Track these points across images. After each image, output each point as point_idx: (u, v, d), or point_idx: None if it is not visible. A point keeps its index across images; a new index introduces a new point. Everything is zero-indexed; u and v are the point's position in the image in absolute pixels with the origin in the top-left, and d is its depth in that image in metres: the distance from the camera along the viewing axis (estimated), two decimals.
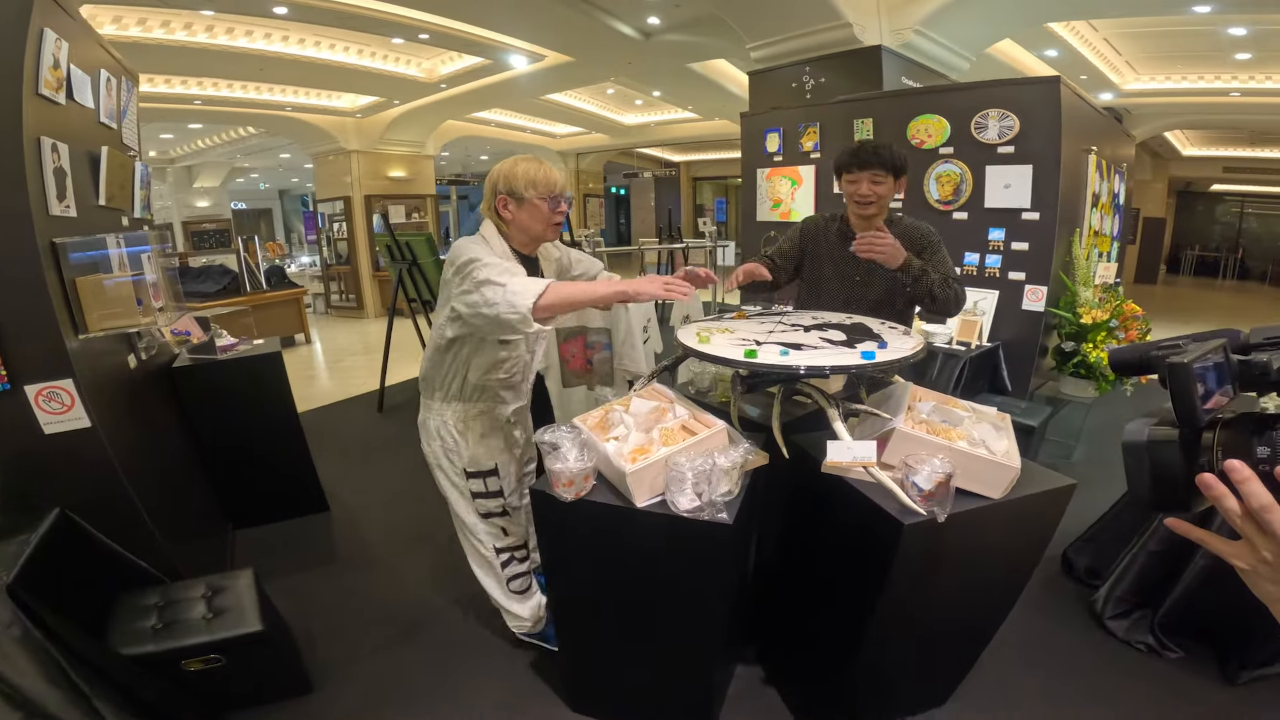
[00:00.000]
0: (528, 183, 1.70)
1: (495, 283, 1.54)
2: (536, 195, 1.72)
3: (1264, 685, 1.96)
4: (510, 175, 1.71)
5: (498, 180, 1.73)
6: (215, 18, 5.74)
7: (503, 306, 1.52)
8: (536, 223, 1.75)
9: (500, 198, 1.73)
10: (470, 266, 1.61)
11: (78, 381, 1.80)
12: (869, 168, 2.02)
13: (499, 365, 1.85)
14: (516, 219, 1.74)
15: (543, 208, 1.73)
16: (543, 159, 1.78)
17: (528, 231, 1.77)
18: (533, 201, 1.72)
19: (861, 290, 2.17)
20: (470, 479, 1.96)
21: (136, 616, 1.78)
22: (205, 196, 13.77)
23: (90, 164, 2.13)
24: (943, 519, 1.28)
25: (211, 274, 7.21)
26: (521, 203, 1.72)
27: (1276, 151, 11.71)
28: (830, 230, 2.24)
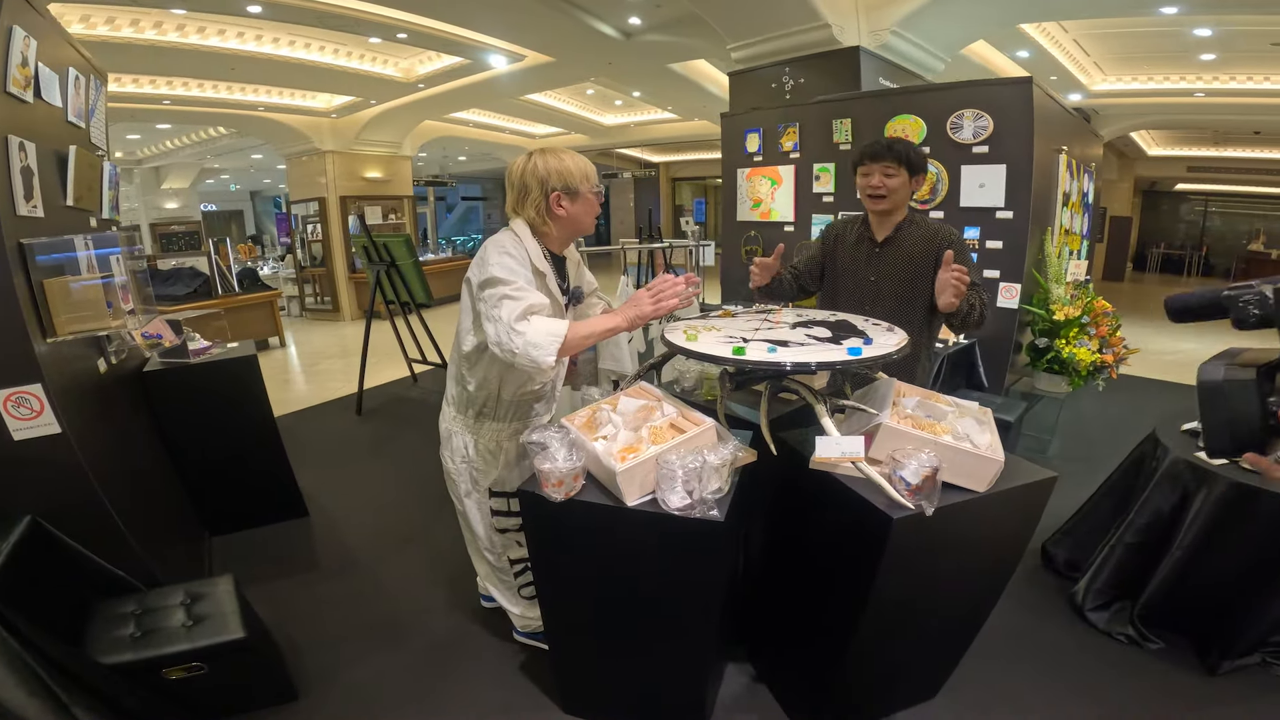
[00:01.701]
0: (583, 176, 1.67)
1: (515, 330, 1.51)
2: (590, 188, 1.69)
3: (1244, 675, 2.00)
4: (564, 171, 1.65)
5: (548, 177, 1.65)
6: (186, 16, 5.62)
7: (521, 358, 1.51)
8: (588, 215, 1.72)
9: (554, 194, 1.65)
10: (493, 291, 1.56)
11: (47, 386, 1.75)
12: (881, 160, 2.02)
13: (533, 378, 1.79)
14: (570, 214, 1.69)
15: (594, 200, 1.72)
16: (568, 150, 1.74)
17: (577, 226, 1.73)
18: (587, 195, 1.69)
19: (875, 293, 2.14)
20: (494, 498, 1.92)
21: (114, 625, 1.74)
22: (174, 198, 13.47)
23: (58, 163, 2.09)
24: (930, 512, 1.30)
25: (181, 277, 7.06)
26: (576, 197, 1.67)
27: (1239, 151, 12.08)
28: (850, 231, 2.23)
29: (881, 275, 2.12)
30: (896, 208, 2.10)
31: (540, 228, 1.71)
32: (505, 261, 1.59)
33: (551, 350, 1.50)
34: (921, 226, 2.12)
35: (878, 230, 2.15)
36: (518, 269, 1.60)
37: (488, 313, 1.57)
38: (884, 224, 2.13)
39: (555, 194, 1.65)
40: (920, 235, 2.09)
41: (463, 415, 1.87)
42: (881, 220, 2.13)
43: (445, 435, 1.91)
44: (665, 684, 1.72)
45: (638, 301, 1.62)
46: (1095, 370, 3.73)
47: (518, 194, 1.69)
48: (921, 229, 2.10)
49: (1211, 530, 2.01)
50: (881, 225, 2.13)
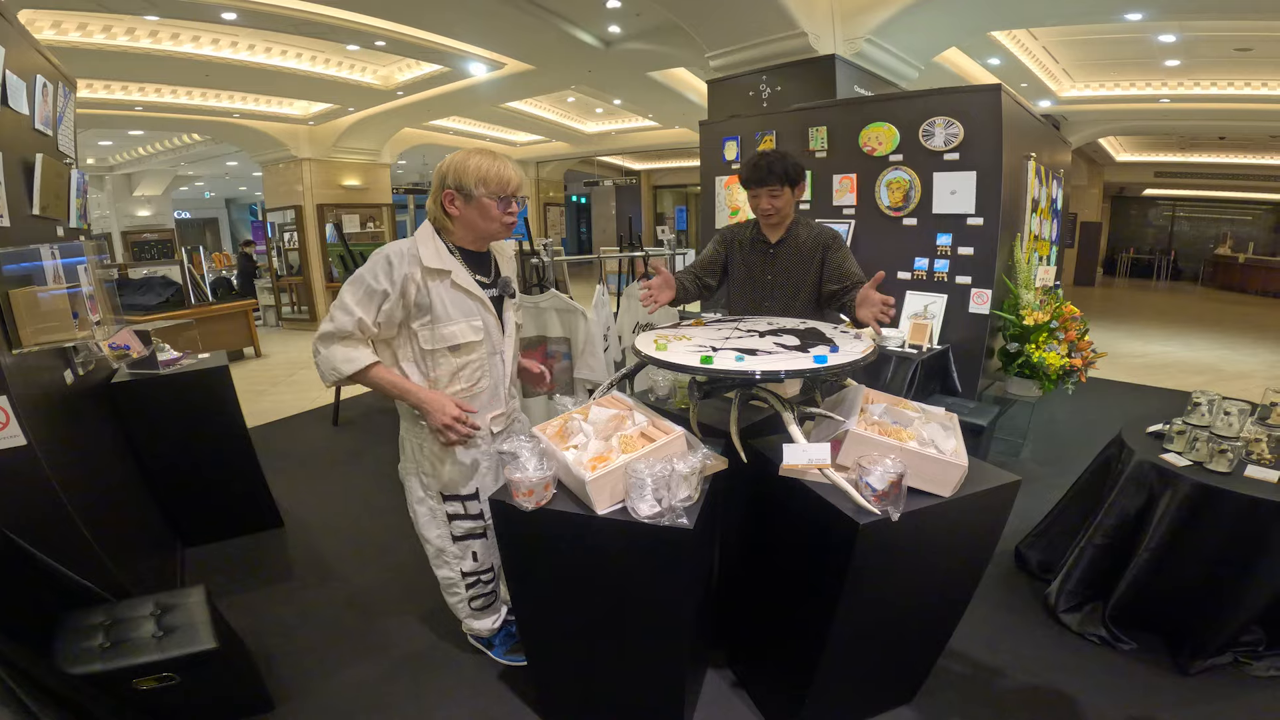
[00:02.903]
0: (478, 179, 1.61)
1: (323, 340, 1.64)
2: (487, 193, 1.63)
3: (1217, 674, 2.03)
4: (461, 169, 1.62)
5: (446, 173, 1.64)
6: (159, 23, 5.56)
7: (321, 368, 1.66)
8: (485, 222, 1.67)
9: (447, 192, 1.64)
10: (343, 290, 1.64)
11: (11, 398, 1.72)
12: (765, 184, 2.21)
13: (457, 375, 1.77)
14: (464, 216, 1.66)
15: (492, 207, 1.65)
16: (500, 155, 1.69)
17: (475, 230, 1.70)
18: (481, 200, 1.63)
19: (770, 290, 2.37)
20: (447, 501, 1.88)
21: (83, 636, 1.72)
22: (147, 205, 13.24)
23: (24, 172, 2.05)
24: (896, 518, 1.32)
25: (153, 286, 6.96)
26: (470, 200, 1.63)
27: (1205, 157, 12.41)
28: (745, 234, 2.42)
29: (776, 273, 2.35)
30: (785, 218, 2.32)
31: (446, 225, 1.70)
32: (366, 276, 1.63)
33: (333, 377, 1.66)
34: (806, 227, 2.36)
35: (770, 234, 2.37)
36: (374, 285, 1.62)
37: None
38: (776, 229, 2.36)
39: (448, 192, 1.64)
40: (807, 235, 2.34)
41: (408, 419, 1.86)
42: (773, 227, 2.36)
43: (401, 444, 1.91)
44: (643, 691, 1.73)
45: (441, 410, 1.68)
46: (1065, 374, 3.81)
47: (433, 187, 1.70)
48: (807, 229, 2.35)
49: (1178, 531, 2.04)
50: (774, 230, 2.36)
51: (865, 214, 4.04)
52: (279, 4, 5.12)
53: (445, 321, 1.68)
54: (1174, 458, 2.16)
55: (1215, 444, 2.09)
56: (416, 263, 1.63)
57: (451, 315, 1.69)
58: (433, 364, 1.73)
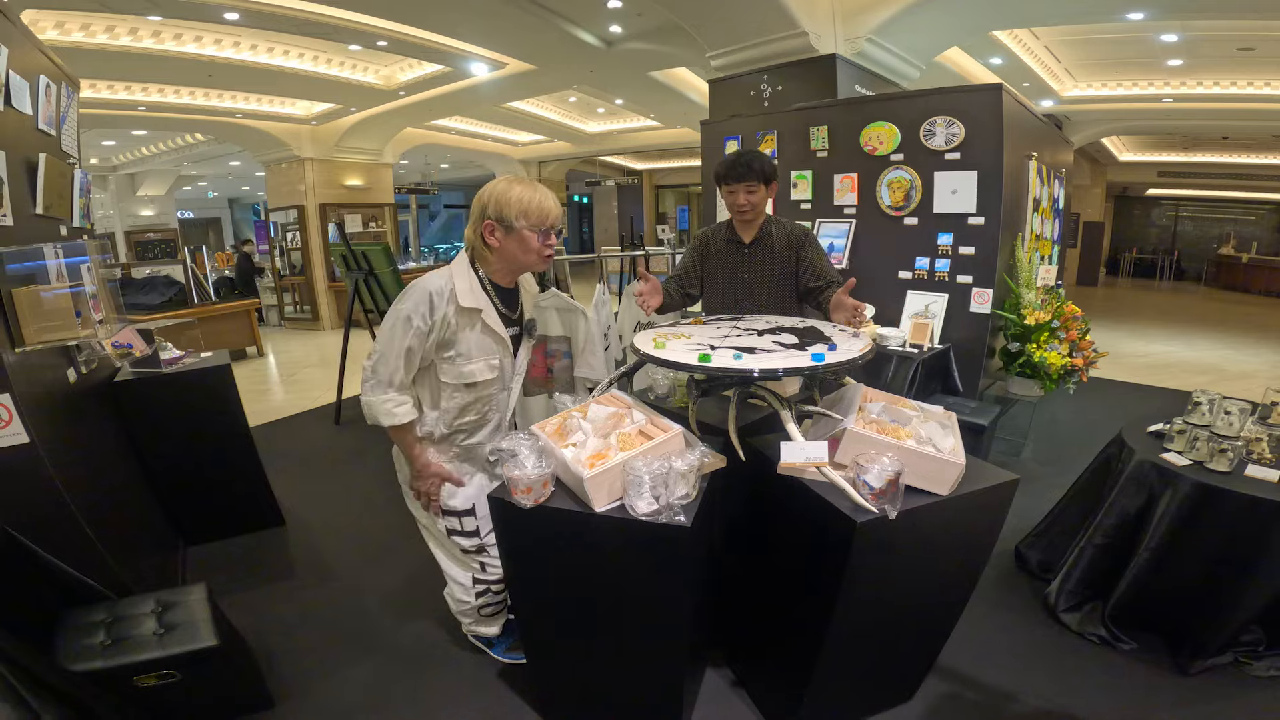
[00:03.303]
0: (520, 211, 1.60)
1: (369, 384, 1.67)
2: (528, 225, 1.62)
3: (1216, 674, 2.03)
4: (503, 200, 1.60)
5: (487, 204, 1.62)
6: (162, 23, 5.58)
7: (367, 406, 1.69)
8: (525, 254, 1.67)
9: (487, 223, 1.62)
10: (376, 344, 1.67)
11: (15, 396, 1.73)
12: (744, 180, 2.26)
13: (466, 409, 1.77)
14: (503, 248, 1.65)
15: (533, 240, 1.64)
16: (540, 186, 1.68)
17: (514, 262, 1.70)
18: (522, 232, 1.62)
19: (749, 289, 2.42)
20: (446, 517, 1.87)
21: (84, 633, 1.73)
22: (150, 205, 13.28)
23: (27, 171, 2.06)
24: (894, 516, 1.33)
25: (156, 285, 6.98)
26: (510, 231, 1.62)
27: (1208, 156, 12.38)
28: (719, 237, 2.47)
29: (753, 272, 2.41)
30: (759, 216, 2.38)
31: (484, 255, 1.69)
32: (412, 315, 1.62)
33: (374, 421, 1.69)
34: (778, 225, 2.42)
35: (744, 234, 2.42)
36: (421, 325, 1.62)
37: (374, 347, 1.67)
38: (749, 229, 2.41)
39: (488, 223, 1.62)
40: (779, 233, 2.40)
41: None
42: (747, 226, 2.40)
43: (395, 454, 1.90)
44: (642, 689, 1.73)
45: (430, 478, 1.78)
46: (1066, 374, 3.80)
47: (473, 217, 1.68)
48: (779, 228, 2.41)
49: (1178, 530, 2.04)
50: (747, 230, 2.41)
51: (866, 213, 4.03)
52: (281, 4, 5.14)
53: (466, 359, 1.70)
54: (1174, 457, 2.16)
55: (1215, 443, 2.09)
56: (453, 300, 1.63)
57: (473, 354, 1.70)
58: (445, 396, 1.74)
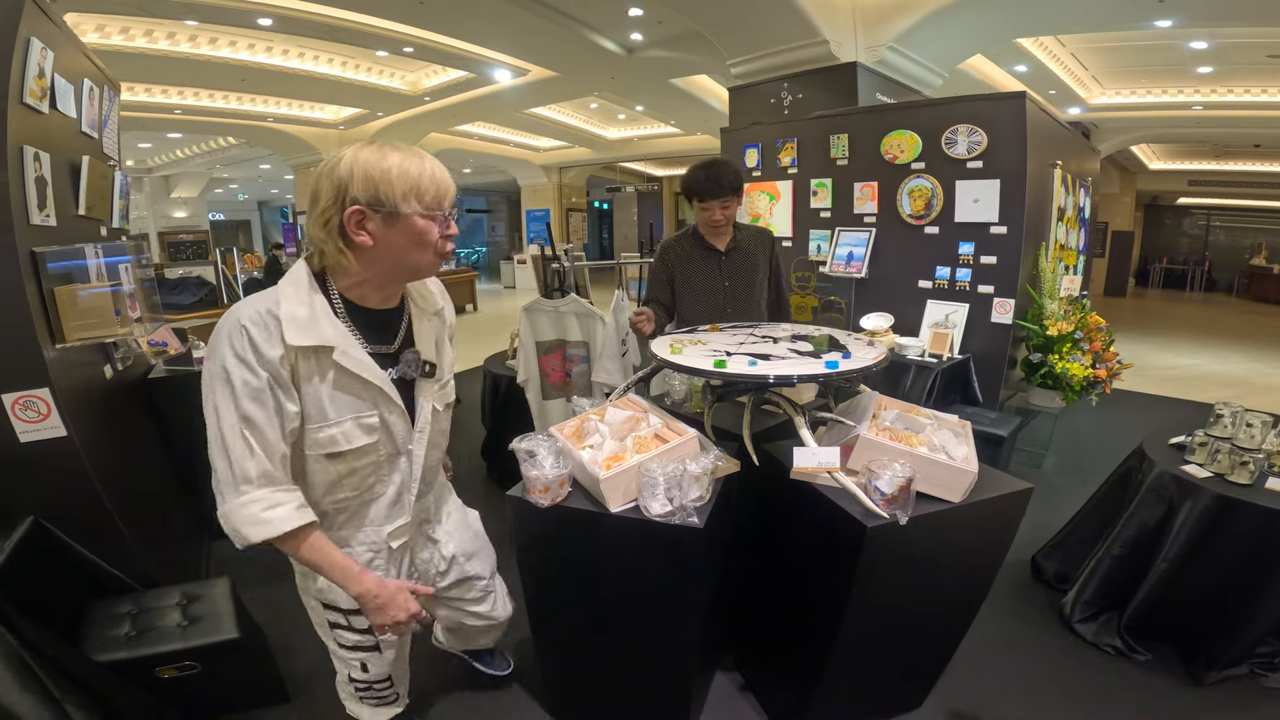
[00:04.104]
0: (410, 188, 1.07)
1: (217, 491, 1.12)
2: (423, 209, 1.09)
3: (1231, 685, 2.02)
4: (376, 174, 1.05)
5: (347, 180, 1.05)
6: (198, 28, 5.75)
7: (224, 521, 1.13)
8: (417, 251, 1.12)
9: (352, 210, 1.06)
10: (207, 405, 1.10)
11: (54, 390, 1.80)
12: (719, 196, 2.26)
13: (338, 485, 1.24)
14: (381, 245, 1.10)
15: (430, 230, 1.11)
16: (417, 150, 1.12)
17: (398, 267, 1.15)
18: (413, 220, 1.09)
19: (732, 296, 2.43)
20: (328, 610, 1.38)
21: (110, 624, 1.78)
22: (183, 207, 13.64)
23: (70, 173, 2.13)
24: (904, 522, 1.34)
25: (188, 286, 7.16)
26: (394, 220, 1.08)
27: (1240, 165, 12.13)
28: (686, 247, 2.46)
29: (733, 279, 2.42)
30: (731, 225, 2.41)
31: (341, 264, 1.12)
32: (221, 370, 1.07)
33: (251, 535, 1.12)
34: (744, 230, 2.45)
35: (718, 242, 2.42)
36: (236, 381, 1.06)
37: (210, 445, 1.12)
38: (723, 237, 2.42)
39: (354, 210, 1.06)
40: (748, 237, 2.44)
41: None
42: (720, 235, 2.41)
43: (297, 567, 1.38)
44: (651, 689, 1.75)
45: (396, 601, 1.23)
46: (1089, 385, 3.76)
47: (309, 204, 1.12)
48: (746, 232, 2.45)
49: (1196, 542, 2.03)
50: (721, 238, 2.42)
51: (886, 222, 4.03)
52: (312, 10, 5.27)
53: (320, 422, 1.15)
54: (1195, 469, 2.14)
55: (1237, 456, 2.07)
56: (264, 356, 1.07)
57: (329, 413, 1.15)
58: (301, 470, 1.20)
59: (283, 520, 1.12)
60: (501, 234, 21.26)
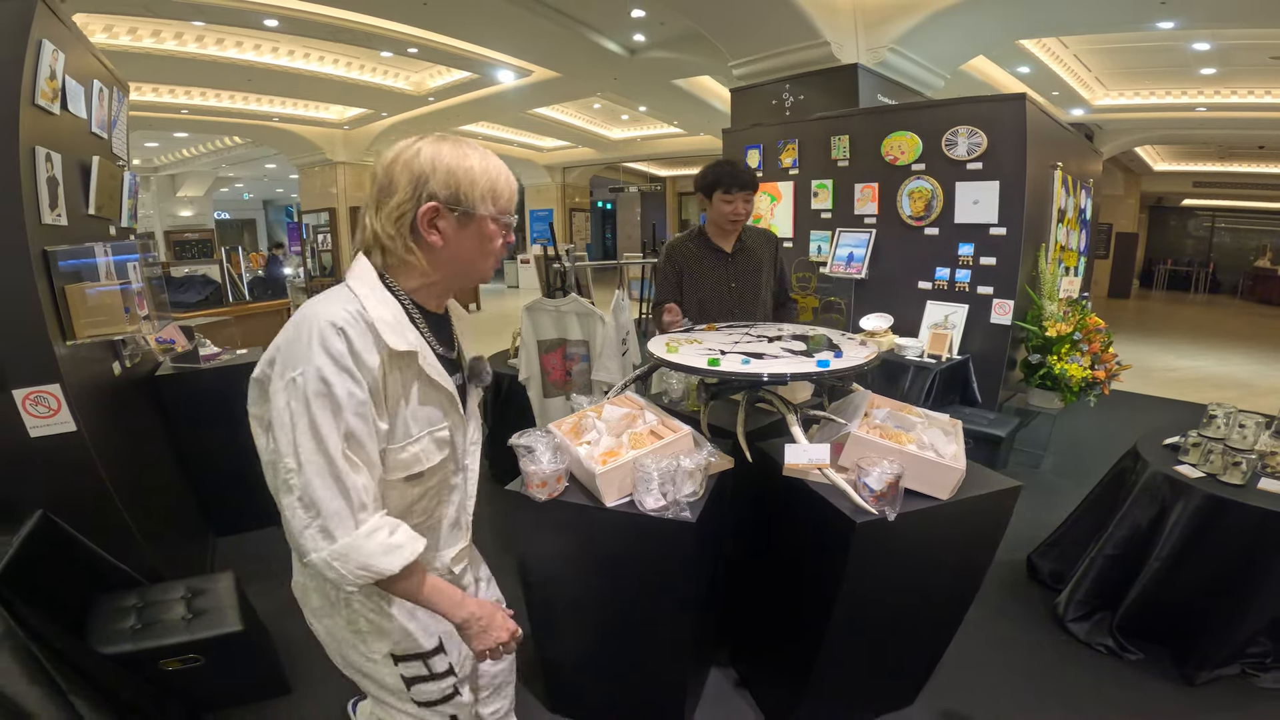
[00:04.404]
0: (488, 190, 1.02)
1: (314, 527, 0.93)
2: (496, 211, 1.04)
3: (1222, 685, 2.03)
4: (459, 172, 0.99)
5: (428, 173, 0.98)
6: (205, 28, 5.80)
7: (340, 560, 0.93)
8: (482, 258, 1.07)
9: (429, 206, 0.99)
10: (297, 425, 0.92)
11: (64, 386, 1.83)
12: (748, 188, 2.25)
13: (409, 511, 1.12)
14: (451, 247, 1.03)
15: (497, 234, 1.06)
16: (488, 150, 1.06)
17: (463, 271, 1.08)
18: (486, 222, 1.03)
19: (738, 297, 2.41)
20: (402, 663, 1.17)
21: (116, 617, 1.81)
22: (189, 206, 13.73)
23: (81, 173, 2.16)
24: (893, 518, 1.37)
25: (194, 284, 7.19)
26: (469, 221, 1.01)
27: (1244, 166, 12.09)
28: (692, 247, 2.43)
29: (740, 279, 2.41)
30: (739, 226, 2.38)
31: (400, 261, 1.03)
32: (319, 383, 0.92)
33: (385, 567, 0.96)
34: (751, 231, 2.44)
35: (724, 242, 2.40)
36: (339, 393, 0.92)
37: (281, 479, 0.94)
38: (730, 237, 2.39)
39: (429, 207, 0.99)
40: (752, 237, 2.43)
41: (321, 600, 1.18)
42: (728, 235, 2.39)
43: (300, 593, 1.23)
44: (646, 683, 1.78)
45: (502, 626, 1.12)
46: (1087, 386, 3.77)
47: (375, 196, 1.02)
48: (750, 232, 2.43)
49: (1188, 542, 2.04)
50: (727, 238, 2.39)
51: (886, 223, 4.05)
52: (317, 11, 5.32)
53: (404, 440, 1.05)
54: (1188, 469, 2.16)
55: (1230, 456, 2.09)
56: (377, 340, 0.98)
57: (411, 429, 1.06)
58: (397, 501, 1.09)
59: (412, 541, 0.99)
60: None
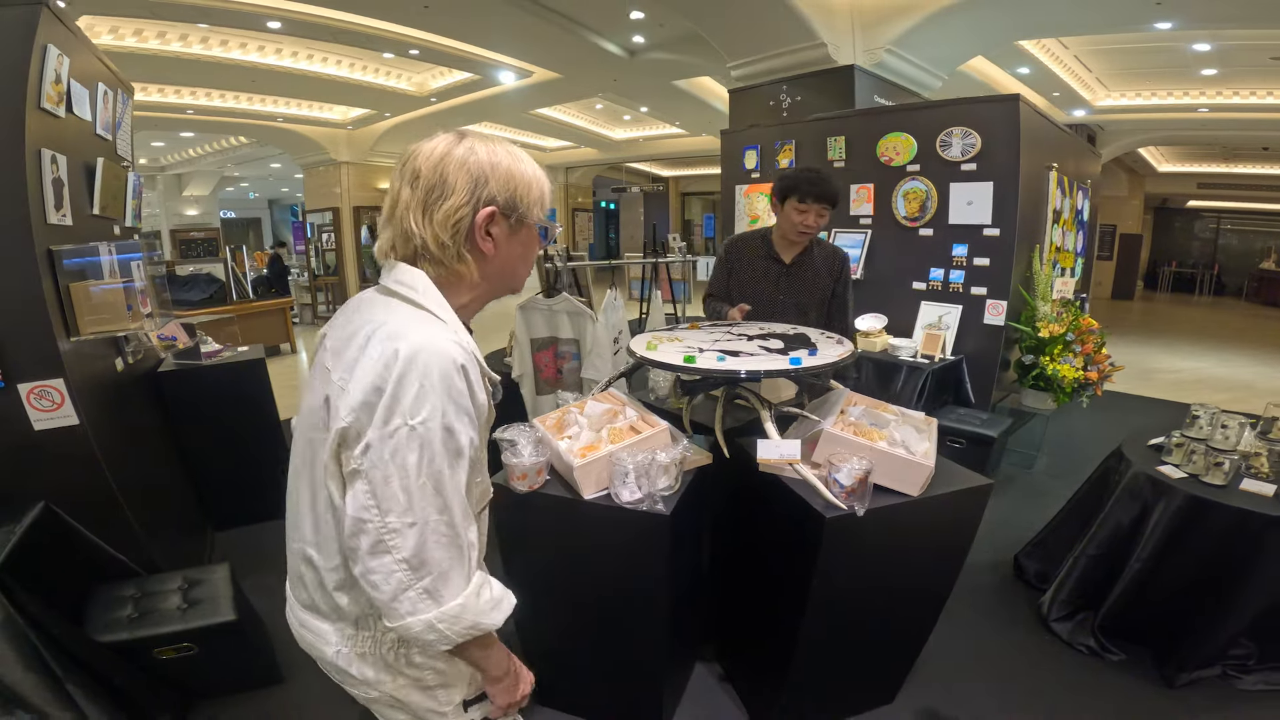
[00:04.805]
0: (540, 194, 0.96)
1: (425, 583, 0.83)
2: (543, 218, 0.98)
3: (1200, 687, 2.04)
4: (516, 174, 0.92)
5: (488, 174, 0.89)
6: (209, 30, 5.87)
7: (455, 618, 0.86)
8: (524, 266, 1.01)
9: (487, 212, 0.90)
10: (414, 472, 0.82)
11: (68, 381, 1.89)
12: (824, 201, 2.08)
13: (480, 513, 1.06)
14: (502, 254, 0.95)
15: (537, 243, 1.00)
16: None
17: (507, 279, 1.00)
18: (533, 229, 0.97)
19: (782, 311, 2.28)
20: (473, 707, 1.08)
21: (113, 606, 1.85)
22: (195, 205, 13.83)
23: (86, 174, 2.21)
24: (861, 513, 1.40)
25: (198, 282, 7.28)
26: (520, 228, 0.95)
27: (1249, 168, 12.03)
28: (752, 249, 2.33)
29: (789, 293, 2.27)
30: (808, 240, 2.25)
31: (452, 273, 0.93)
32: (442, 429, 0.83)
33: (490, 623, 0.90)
34: (819, 246, 2.30)
35: (784, 253, 2.26)
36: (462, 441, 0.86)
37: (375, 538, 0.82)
38: (791, 249, 2.26)
39: (487, 211, 0.90)
40: (820, 255, 2.28)
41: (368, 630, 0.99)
42: (792, 246, 2.26)
43: (342, 666, 1.03)
44: (624, 676, 1.81)
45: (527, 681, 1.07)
46: (1079, 387, 3.79)
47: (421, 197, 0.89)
48: (820, 248, 2.29)
49: (1169, 543, 2.06)
50: (790, 249, 2.26)
51: (882, 224, 4.08)
52: (318, 13, 5.38)
53: (482, 472, 1.01)
54: (1170, 469, 2.17)
55: (1212, 457, 2.10)
56: (481, 377, 0.92)
57: (484, 457, 1.00)
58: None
59: (507, 594, 0.94)
60: None
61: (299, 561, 1.00)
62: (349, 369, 0.86)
